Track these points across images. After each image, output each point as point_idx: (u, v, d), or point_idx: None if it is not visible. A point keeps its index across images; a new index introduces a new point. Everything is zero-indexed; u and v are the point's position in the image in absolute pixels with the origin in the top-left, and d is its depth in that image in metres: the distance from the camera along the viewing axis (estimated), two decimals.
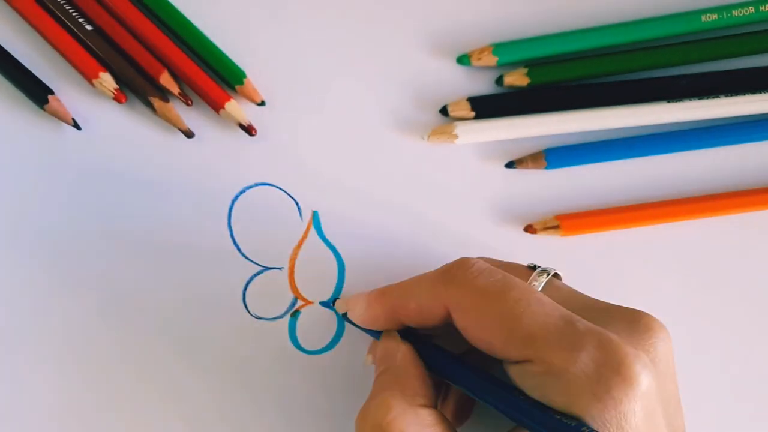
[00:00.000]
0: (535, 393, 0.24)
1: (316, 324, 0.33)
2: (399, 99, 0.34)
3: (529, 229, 0.34)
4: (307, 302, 0.33)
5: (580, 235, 0.34)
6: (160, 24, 0.33)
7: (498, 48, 0.34)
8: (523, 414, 0.24)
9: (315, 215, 0.34)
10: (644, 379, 0.23)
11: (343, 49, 0.34)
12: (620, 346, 0.23)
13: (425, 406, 0.26)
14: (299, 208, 0.34)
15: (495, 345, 0.25)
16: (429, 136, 0.34)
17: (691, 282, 0.35)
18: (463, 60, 0.34)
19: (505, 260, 0.30)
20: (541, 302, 0.25)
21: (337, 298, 0.33)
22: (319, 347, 0.33)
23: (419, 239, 0.34)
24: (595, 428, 0.22)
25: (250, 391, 0.33)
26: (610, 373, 0.23)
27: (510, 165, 0.34)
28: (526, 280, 0.27)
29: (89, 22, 0.33)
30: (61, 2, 0.33)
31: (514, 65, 0.34)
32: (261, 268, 0.33)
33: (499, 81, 0.34)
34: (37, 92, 0.33)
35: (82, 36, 0.33)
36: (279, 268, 0.33)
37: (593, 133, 0.34)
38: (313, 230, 0.34)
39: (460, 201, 0.34)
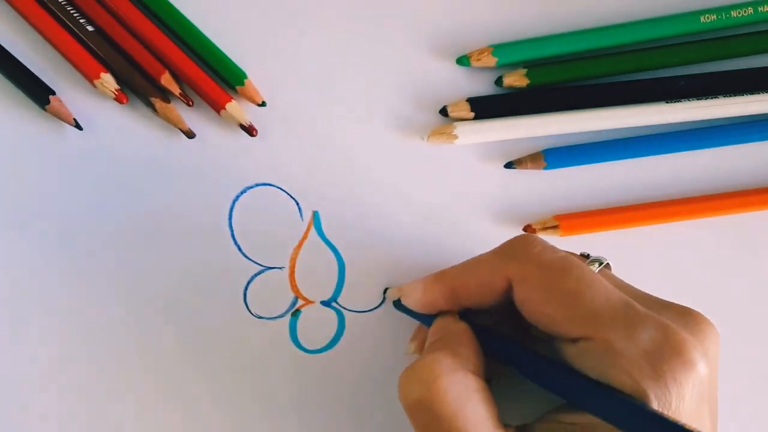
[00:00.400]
0: (593, 372, 0.24)
1: (317, 323, 0.33)
2: (399, 99, 0.34)
3: (528, 229, 0.34)
4: (308, 302, 0.33)
5: (579, 235, 0.34)
6: (161, 25, 0.33)
7: (497, 49, 0.34)
8: (585, 393, 0.24)
9: (315, 215, 0.34)
10: (702, 366, 0.23)
11: (344, 49, 0.34)
12: (679, 332, 0.24)
13: (474, 373, 0.26)
14: (300, 208, 0.34)
15: (556, 321, 0.25)
16: (429, 137, 0.34)
17: (691, 282, 0.35)
18: (463, 61, 0.34)
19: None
20: (602, 283, 0.25)
21: (337, 299, 0.33)
22: (319, 347, 0.33)
23: (419, 239, 0.34)
24: (655, 407, 0.22)
25: (251, 390, 0.33)
26: (671, 355, 0.23)
27: (509, 165, 0.34)
28: None
29: (90, 22, 0.33)
30: (63, 3, 0.33)
31: (513, 66, 0.34)
32: (262, 268, 0.33)
33: (498, 82, 0.34)
34: (38, 92, 0.33)
35: (83, 36, 0.33)
36: (279, 268, 0.33)
37: (592, 134, 0.34)
38: (313, 230, 0.34)
39: (460, 201, 0.34)
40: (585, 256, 0.29)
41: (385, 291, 0.33)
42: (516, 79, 0.34)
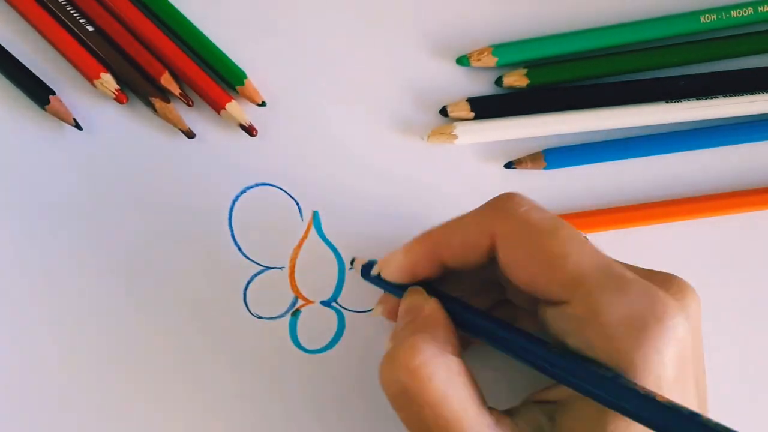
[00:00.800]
0: (572, 338, 0.24)
1: (317, 323, 0.33)
2: (399, 99, 0.34)
3: None
4: (308, 302, 0.33)
5: None
6: (161, 25, 0.33)
7: (498, 49, 0.34)
8: (557, 365, 0.24)
9: (315, 215, 0.34)
10: (683, 331, 0.23)
11: (343, 49, 0.34)
12: (664, 297, 0.23)
13: (454, 354, 0.25)
14: (300, 208, 0.34)
15: (539, 282, 0.25)
16: (429, 137, 0.34)
17: (690, 281, 0.35)
18: (463, 61, 0.34)
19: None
20: (589, 245, 0.25)
21: (337, 299, 0.33)
22: (319, 346, 0.33)
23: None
24: (633, 376, 0.22)
25: (251, 389, 0.33)
26: (654, 322, 0.23)
27: (509, 165, 0.34)
28: None
29: (90, 22, 0.33)
30: (63, 3, 0.33)
31: (513, 66, 0.34)
32: (262, 268, 0.33)
33: (498, 82, 0.34)
34: (38, 92, 0.33)
35: (83, 36, 0.33)
36: (279, 268, 0.33)
37: (592, 134, 0.34)
38: (313, 230, 0.34)
39: (460, 201, 0.34)
40: None
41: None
42: (516, 79, 0.34)
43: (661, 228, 0.35)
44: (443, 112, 0.34)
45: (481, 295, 0.30)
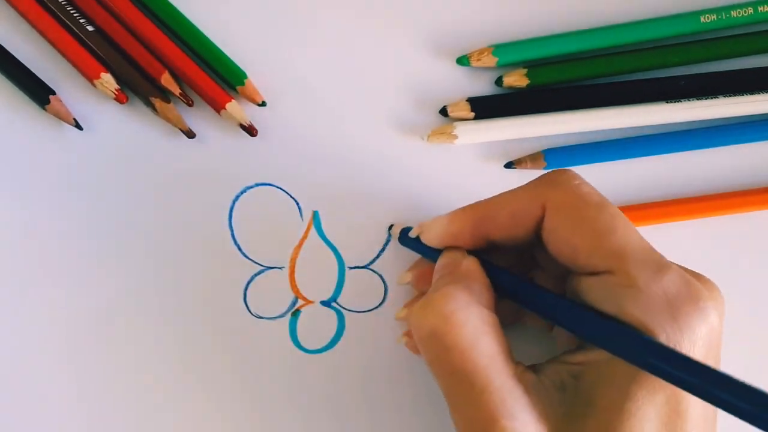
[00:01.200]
0: (609, 305, 0.25)
1: (317, 323, 0.33)
2: (399, 100, 0.34)
3: None
4: (308, 302, 0.33)
5: None
6: (161, 25, 0.33)
7: (498, 49, 0.34)
8: (595, 326, 0.24)
9: (315, 215, 0.34)
10: (715, 318, 0.24)
11: (343, 49, 0.34)
12: (699, 285, 0.25)
13: (487, 307, 0.26)
14: (300, 208, 0.34)
15: (581, 252, 0.26)
16: (429, 137, 0.34)
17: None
18: (463, 61, 0.34)
19: None
20: (633, 227, 0.26)
21: (337, 299, 0.33)
22: (319, 346, 0.33)
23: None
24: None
25: (251, 390, 0.33)
26: (689, 302, 0.24)
27: (509, 165, 0.34)
28: None
29: (90, 22, 0.33)
30: (63, 3, 0.33)
31: (513, 66, 0.34)
32: (262, 268, 0.33)
33: (498, 82, 0.34)
34: (38, 92, 0.33)
35: (83, 36, 0.33)
36: (279, 268, 0.33)
37: (592, 134, 0.34)
38: (313, 230, 0.34)
39: (460, 201, 0.34)
40: None
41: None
42: (516, 79, 0.34)
43: (660, 228, 0.35)
44: (443, 112, 0.34)
45: (515, 268, 0.30)
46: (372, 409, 0.33)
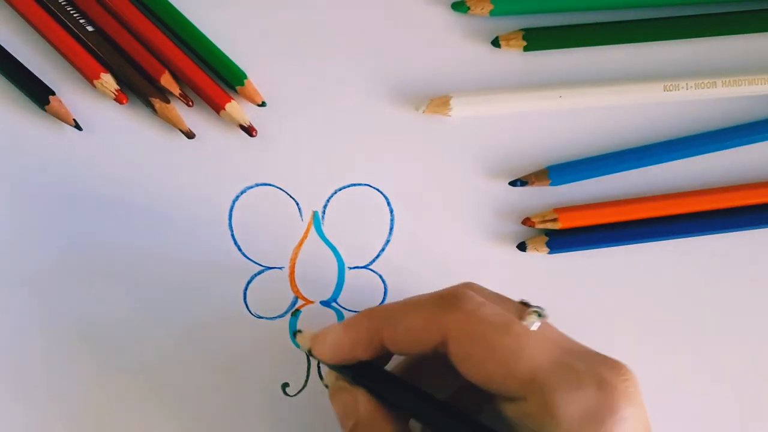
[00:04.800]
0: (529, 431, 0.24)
1: (317, 323, 0.33)
2: (399, 100, 0.34)
3: (528, 222, 0.34)
4: (308, 302, 0.33)
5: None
6: (161, 25, 0.33)
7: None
8: None
9: (315, 215, 0.34)
10: (634, 422, 0.24)
11: (343, 49, 0.34)
12: (616, 389, 0.24)
13: None
14: (299, 208, 0.34)
15: (494, 379, 0.24)
16: (425, 110, 0.33)
17: (690, 281, 0.35)
18: (460, 7, 0.34)
19: (494, 291, 0.28)
20: (541, 340, 0.25)
21: (337, 299, 0.33)
22: None
23: (419, 239, 0.34)
24: None
25: (251, 389, 0.33)
26: (609, 415, 0.23)
27: (514, 183, 0.34)
28: (518, 316, 0.26)
29: (90, 23, 0.33)
30: (62, 3, 0.33)
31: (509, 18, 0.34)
32: (261, 268, 0.33)
33: (495, 42, 0.34)
34: (38, 93, 0.33)
35: (83, 37, 0.33)
36: (279, 268, 0.33)
37: (595, 147, 0.34)
38: (313, 230, 0.34)
39: (459, 207, 0.34)
40: (525, 304, 0.27)
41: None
42: (513, 44, 0.34)
43: (660, 245, 0.35)
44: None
45: (448, 377, 0.28)
46: None
